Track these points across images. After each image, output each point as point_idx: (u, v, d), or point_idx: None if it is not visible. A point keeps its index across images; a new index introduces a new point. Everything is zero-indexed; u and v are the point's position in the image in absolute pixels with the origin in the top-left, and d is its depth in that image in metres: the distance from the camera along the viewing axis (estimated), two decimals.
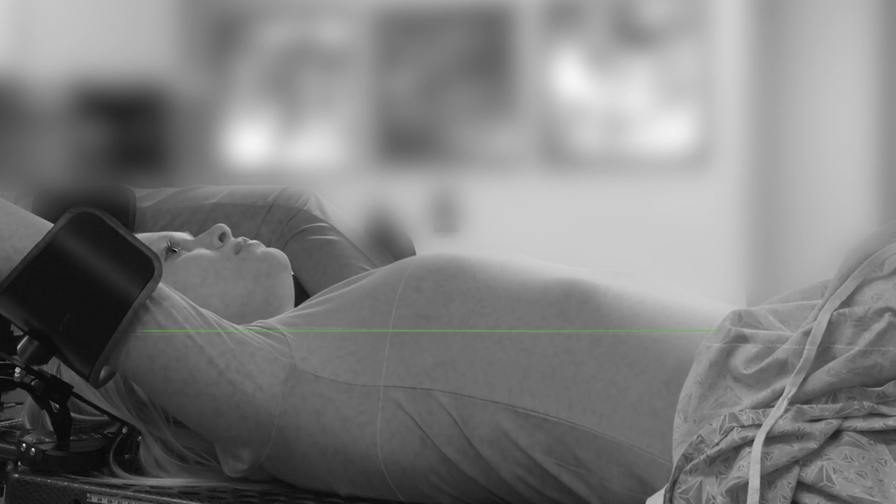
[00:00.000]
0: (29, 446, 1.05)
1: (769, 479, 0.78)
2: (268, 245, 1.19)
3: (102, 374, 0.97)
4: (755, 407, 0.82)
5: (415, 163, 3.14)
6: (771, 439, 0.79)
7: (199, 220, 1.32)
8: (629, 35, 3.15)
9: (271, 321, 1.05)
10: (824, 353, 0.81)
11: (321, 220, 1.34)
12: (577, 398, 0.92)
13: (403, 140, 3.16)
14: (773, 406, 0.81)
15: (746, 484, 0.78)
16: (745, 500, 0.77)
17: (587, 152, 3.18)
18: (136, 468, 1.08)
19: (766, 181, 3.38)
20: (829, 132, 3.35)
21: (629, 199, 3.23)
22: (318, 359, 1.01)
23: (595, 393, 0.92)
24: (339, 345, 1.01)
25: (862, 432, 0.79)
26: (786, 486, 0.78)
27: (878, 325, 0.80)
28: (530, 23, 3.09)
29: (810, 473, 0.77)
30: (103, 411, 1.09)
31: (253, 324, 1.04)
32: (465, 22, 3.06)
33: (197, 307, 1.00)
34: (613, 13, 3.13)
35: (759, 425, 0.80)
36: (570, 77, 3.14)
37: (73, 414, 1.08)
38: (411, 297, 1.01)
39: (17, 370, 1.05)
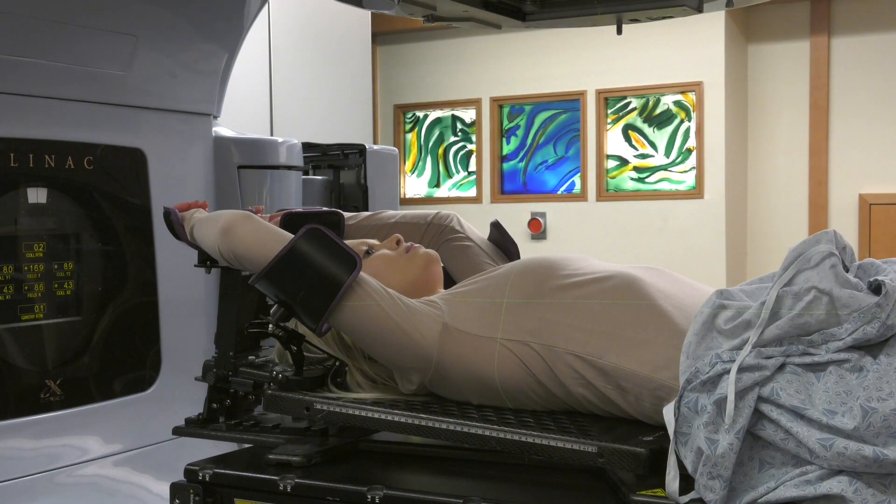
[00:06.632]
0: (277, 373, 1.18)
1: (740, 394, 0.89)
2: (427, 248, 1.34)
3: (324, 328, 1.13)
4: (731, 349, 0.94)
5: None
6: (741, 370, 0.90)
7: (384, 233, 1.42)
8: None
9: (433, 297, 1.18)
10: (774, 315, 0.92)
11: (461, 232, 1.45)
12: (623, 349, 1.06)
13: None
14: (742, 349, 0.92)
15: (726, 398, 0.89)
16: (725, 408, 0.89)
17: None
18: (344, 387, 1.22)
19: (737, 208, 4.43)
20: (779, 178, 4.32)
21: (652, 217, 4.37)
22: (461, 321, 1.15)
23: (633, 346, 1.06)
24: (473, 313, 1.16)
25: (798, 365, 0.91)
26: (751, 398, 0.90)
27: (808, 298, 0.93)
28: None
29: (766, 391, 0.90)
30: (323, 351, 1.22)
31: (420, 299, 1.18)
32: None
33: (385, 287, 1.15)
34: (642, 103, 4.40)
35: (734, 361, 0.91)
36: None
37: (305, 353, 1.20)
38: (521, 282, 1.15)
39: (270, 326, 1.18)
